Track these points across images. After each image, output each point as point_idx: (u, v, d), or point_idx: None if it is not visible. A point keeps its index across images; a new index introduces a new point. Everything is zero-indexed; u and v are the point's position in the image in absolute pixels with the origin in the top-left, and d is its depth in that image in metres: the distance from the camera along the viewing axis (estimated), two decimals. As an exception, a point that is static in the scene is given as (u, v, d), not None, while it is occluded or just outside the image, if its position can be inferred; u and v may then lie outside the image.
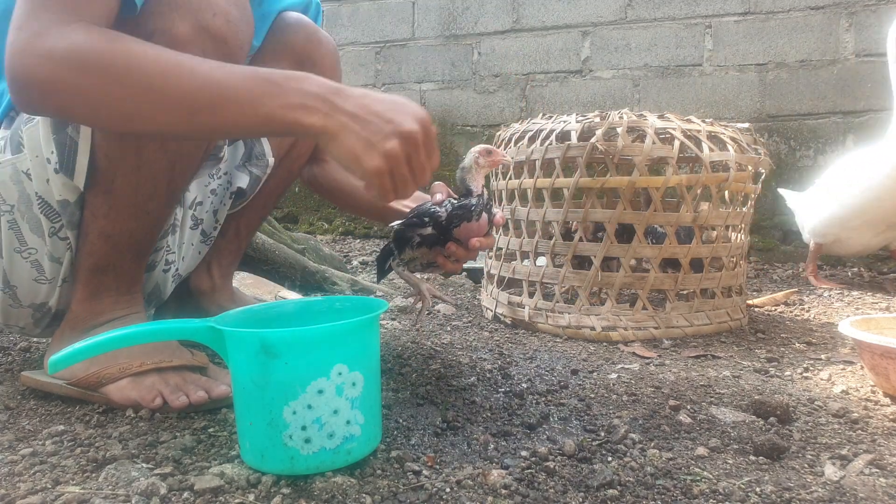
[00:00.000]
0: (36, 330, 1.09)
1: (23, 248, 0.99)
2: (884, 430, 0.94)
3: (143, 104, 0.77)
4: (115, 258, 1.00)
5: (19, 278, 1.01)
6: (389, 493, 0.72)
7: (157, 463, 0.78)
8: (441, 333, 1.51)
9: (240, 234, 1.32)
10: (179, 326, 0.79)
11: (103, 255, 0.99)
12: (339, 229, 3.57)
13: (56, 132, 0.93)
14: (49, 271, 1.01)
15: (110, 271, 1.00)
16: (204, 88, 0.77)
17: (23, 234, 0.99)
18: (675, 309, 1.51)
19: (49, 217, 0.97)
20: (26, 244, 0.99)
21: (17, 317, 1.06)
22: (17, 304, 1.04)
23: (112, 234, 0.97)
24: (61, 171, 0.94)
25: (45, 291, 1.02)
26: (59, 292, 1.03)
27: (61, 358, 0.73)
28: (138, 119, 0.79)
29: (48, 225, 0.98)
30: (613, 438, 0.88)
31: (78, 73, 0.76)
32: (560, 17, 3.25)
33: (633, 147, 1.49)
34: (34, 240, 0.99)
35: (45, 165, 0.95)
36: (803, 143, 2.94)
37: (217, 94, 0.77)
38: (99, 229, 0.97)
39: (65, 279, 1.02)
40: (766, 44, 2.95)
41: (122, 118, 0.80)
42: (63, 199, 0.96)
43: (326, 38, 1.24)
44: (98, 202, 0.96)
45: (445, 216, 1.06)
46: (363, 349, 0.77)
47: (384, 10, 3.57)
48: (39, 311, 1.05)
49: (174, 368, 0.98)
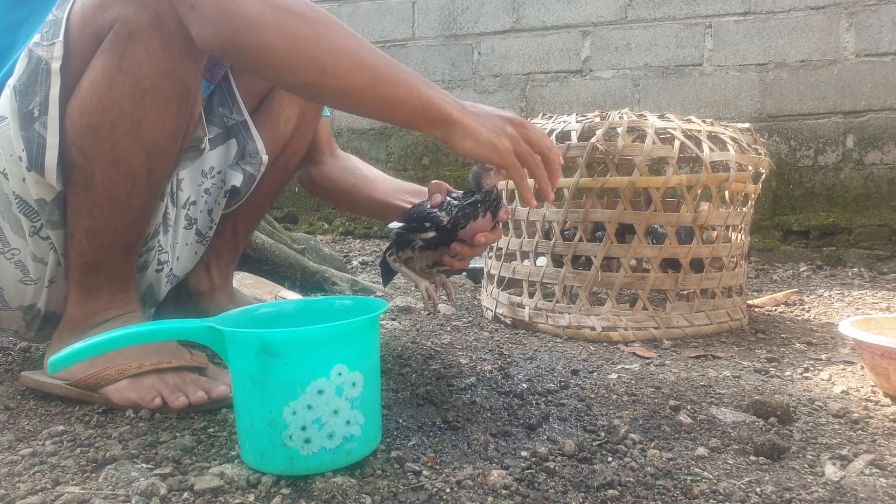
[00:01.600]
0: (29, 333, 1.09)
1: (6, 249, 0.99)
2: (884, 430, 0.94)
3: (340, 59, 0.85)
4: (105, 256, 0.99)
5: (5, 280, 1.01)
6: (389, 493, 0.72)
7: (157, 463, 0.78)
8: (441, 333, 1.51)
9: (237, 233, 1.32)
10: (179, 327, 0.79)
11: (92, 253, 0.98)
12: (339, 229, 3.57)
13: (24, 128, 0.92)
14: (34, 272, 1.00)
15: (101, 270, 1.00)
16: (387, 63, 0.88)
17: (5, 235, 0.98)
18: (676, 309, 1.51)
19: (29, 217, 0.96)
20: (9, 245, 0.99)
21: (9, 320, 1.06)
22: (6, 306, 1.03)
23: (98, 231, 0.97)
24: (32, 169, 0.92)
25: (31, 293, 1.02)
26: (46, 294, 1.02)
27: (60, 358, 0.73)
28: (331, 73, 0.86)
29: (28, 225, 0.97)
30: (613, 439, 0.88)
31: (288, 14, 0.83)
32: (560, 17, 3.25)
33: (634, 147, 1.49)
34: (16, 240, 0.98)
35: (18, 164, 0.93)
36: (803, 143, 2.94)
37: (397, 71, 0.89)
38: (85, 228, 0.96)
39: (52, 280, 1.02)
40: (767, 44, 2.95)
41: (318, 69, 0.86)
42: (40, 198, 0.95)
43: None
44: (79, 200, 0.95)
45: (449, 220, 1.04)
46: (363, 349, 0.77)
47: (384, 10, 3.57)
48: (29, 314, 1.04)
49: (173, 369, 0.98)
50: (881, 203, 2.82)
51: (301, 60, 0.85)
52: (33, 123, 0.92)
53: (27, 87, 0.92)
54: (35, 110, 0.92)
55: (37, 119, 0.92)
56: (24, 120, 0.92)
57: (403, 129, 3.55)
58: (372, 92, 0.88)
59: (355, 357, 0.75)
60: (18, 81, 0.92)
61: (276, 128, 1.23)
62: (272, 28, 0.82)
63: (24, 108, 0.92)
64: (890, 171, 2.81)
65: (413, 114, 0.91)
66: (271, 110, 1.23)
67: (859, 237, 2.81)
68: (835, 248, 2.84)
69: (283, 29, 0.83)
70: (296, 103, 1.24)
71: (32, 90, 0.92)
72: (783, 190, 2.96)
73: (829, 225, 2.86)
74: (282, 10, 0.83)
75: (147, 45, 0.89)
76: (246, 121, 1.18)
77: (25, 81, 0.92)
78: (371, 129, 3.62)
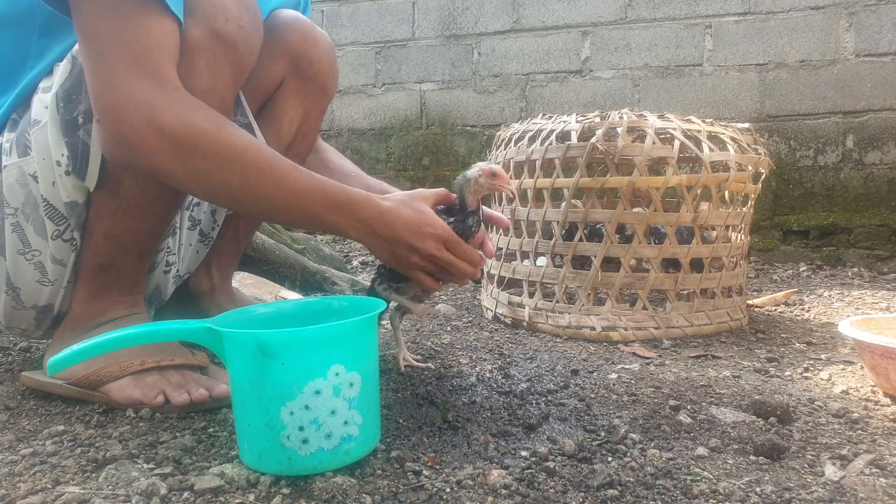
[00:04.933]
0: (37, 332, 1.09)
1: (27, 251, 1.00)
2: (884, 430, 0.94)
3: (232, 192, 0.89)
4: (119, 258, 1.00)
5: (23, 280, 1.01)
6: (389, 493, 0.72)
7: (158, 463, 0.78)
8: (441, 333, 1.51)
9: (238, 234, 1.32)
10: (177, 328, 0.79)
11: (107, 254, 0.99)
12: (339, 229, 3.57)
13: (67, 134, 0.94)
14: (52, 273, 1.01)
15: (113, 271, 1.01)
16: (285, 196, 0.90)
17: (27, 236, 0.99)
18: (676, 309, 1.51)
19: (53, 220, 0.98)
20: (30, 246, 0.99)
21: (20, 319, 1.06)
22: (20, 305, 1.04)
23: (116, 234, 0.98)
24: (73, 174, 0.94)
25: (48, 293, 1.03)
26: (62, 294, 1.03)
27: (60, 360, 0.73)
28: (223, 199, 0.95)
29: (52, 228, 0.98)
30: (613, 438, 0.88)
31: (186, 153, 0.84)
32: (560, 17, 3.25)
33: (633, 147, 1.49)
34: (38, 242, 0.99)
35: (52, 168, 0.95)
36: (803, 143, 2.94)
37: (294, 203, 0.90)
38: (104, 229, 0.98)
39: (70, 281, 1.02)
40: (766, 44, 2.95)
41: (209, 195, 0.94)
42: (72, 200, 0.97)
43: (322, 36, 1.22)
44: (104, 203, 0.97)
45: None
46: (361, 349, 0.77)
47: (384, 10, 3.57)
48: (42, 314, 1.05)
49: (175, 367, 0.99)
50: (881, 203, 2.82)
51: (195, 188, 0.91)
52: (77, 130, 0.94)
53: (71, 94, 0.94)
54: (80, 118, 0.93)
55: (81, 126, 0.94)
56: (68, 126, 0.94)
57: (403, 129, 3.56)
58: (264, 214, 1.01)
59: (353, 357, 0.75)
60: (61, 88, 0.94)
61: (279, 130, 1.23)
62: (168, 163, 0.85)
63: (67, 115, 0.94)
64: (890, 171, 2.81)
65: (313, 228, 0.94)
66: (274, 113, 1.23)
67: (859, 237, 2.81)
68: (834, 248, 2.84)
69: (178, 165, 0.85)
70: (299, 105, 1.24)
71: (77, 97, 0.94)
72: (783, 190, 2.96)
73: (828, 225, 2.86)
74: (180, 149, 0.84)
75: (192, 63, 0.90)
76: (250, 123, 1.18)
77: (69, 88, 0.94)
78: (371, 130, 3.62)
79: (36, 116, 0.96)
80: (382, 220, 0.94)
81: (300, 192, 0.90)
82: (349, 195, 0.93)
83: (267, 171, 0.88)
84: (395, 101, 3.57)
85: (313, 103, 1.24)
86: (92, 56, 0.84)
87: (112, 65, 0.83)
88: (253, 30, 0.96)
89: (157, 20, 0.84)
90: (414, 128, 3.54)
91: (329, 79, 1.22)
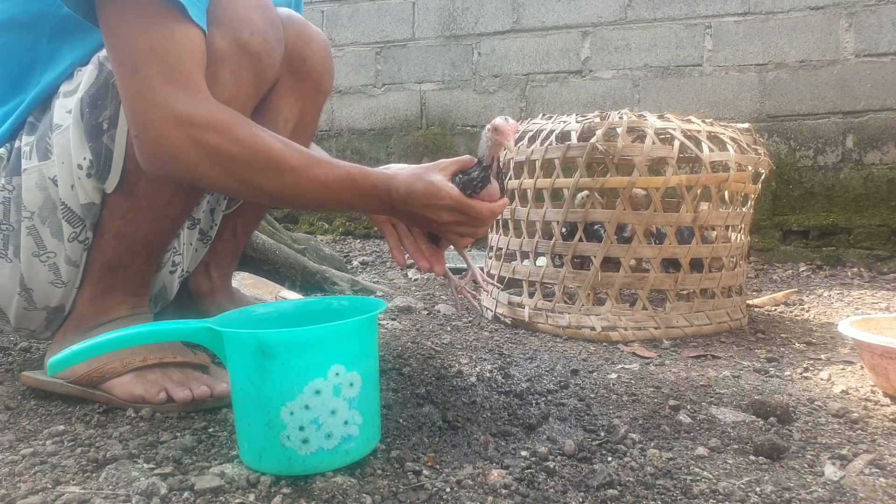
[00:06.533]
0: (46, 333, 1.09)
1: (41, 252, 1.00)
2: (884, 430, 0.94)
3: (272, 191, 0.92)
4: (128, 258, 1.01)
5: (37, 281, 1.02)
6: (390, 493, 0.72)
7: (158, 463, 0.78)
8: (441, 333, 1.51)
9: (237, 234, 1.32)
10: (178, 328, 0.80)
11: (116, 254, 1.00)
12: (339, 229, 3.57)
13: (91, 139, 0.95)
14: (65, 275, 1.01)
15: (120, 271, 1.01)
16: (318, 189, 0.93)
17: (42, 239, 0.99)
18: (675, 309, 1.51)
19: (70, 222, 0.98)
20: (45, 248, 1.00)
21: (31, 320, 1.06)
22: (32, 306, 1.04)
23: (127, 234, 0.99)
24: (94, 176, 0.95)
25: (60, 295, 1.03)
26: (74, 295, 1.04)
27: (60, 360, 0.73)
28: (261, 198, 1.00)
29: (69, 230, 0.98)
30: (613, 438, 0.88)
31: (226, 161, 0.86)
32: (560, 18, 3.25)
33: (633, 147, 1.49)
34: (54, 244, 1.00)
35: (72, 171, 0.96)
36: (803, 143, 2.94)
37: (327, 195, 0.94)
38: (115, 229, 0.98)
39: (80, 282, 1.03)
40: (766, 44, 2.95)
41: (249, 196, 1.01)
42: (89, 202, 0.97)
43: (317, 33, 1.22)
44: (118, 203, 0.97)
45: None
46: (361, 349, 0.77)
47: (384, 11, 3.57)
48: (53, 314, 1.05)
49: (177, 364, 0.99)
50: (881, 203, 2.82)
51: (230, 190, 0.94)
52: (101, 136, 0.95)
53: (97, 99, 0.94)
54: (104, 123, 0.94)
55: (105, 132, 0.94)
56: (93, 131, 0.95)
57: (403, 129, 3.56)
58: (296, 205, 1.07)
59: (353, 357, 0.75)
60: (87, 93, 0.95)
61: (275, 129, 1.23)
62: (205, 174, 0.87)
63: (92, 120, 0.94)
64: (889, 171, 2.81)
65: (340, 212, 0.96)
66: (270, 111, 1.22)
67: (859, 237, 2.81)
68: (834, 248, 2.84)
69: (215, 174, 0.87)
70: (295, 104, 1.24)
71: (102, 103, 0.94)
72: (783, 190, 2.96)
73: (828, 225, 2.86)
74: (219, 161, 0.86)
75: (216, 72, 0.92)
76: None
77: (95, 94, 0.94)
78: (371, 130, 3.62)
79: (58, 121, 0.97)
80: (399, 197, 0.98)
81: (332, 185, 0.94)
82: (372, 181, 0.97)
83: (302, 170, 0.91)
84: (396, 102, 3.57)
85: (309, 101, 1.23)
86: (125, 73, 0.85)
87: (147, 79, 0.83)
88: (276, 44, 0.99)
89: (184, 29, 0.85)
90: (414, 128, 3.54)
91: (324, 76, 1.21)
